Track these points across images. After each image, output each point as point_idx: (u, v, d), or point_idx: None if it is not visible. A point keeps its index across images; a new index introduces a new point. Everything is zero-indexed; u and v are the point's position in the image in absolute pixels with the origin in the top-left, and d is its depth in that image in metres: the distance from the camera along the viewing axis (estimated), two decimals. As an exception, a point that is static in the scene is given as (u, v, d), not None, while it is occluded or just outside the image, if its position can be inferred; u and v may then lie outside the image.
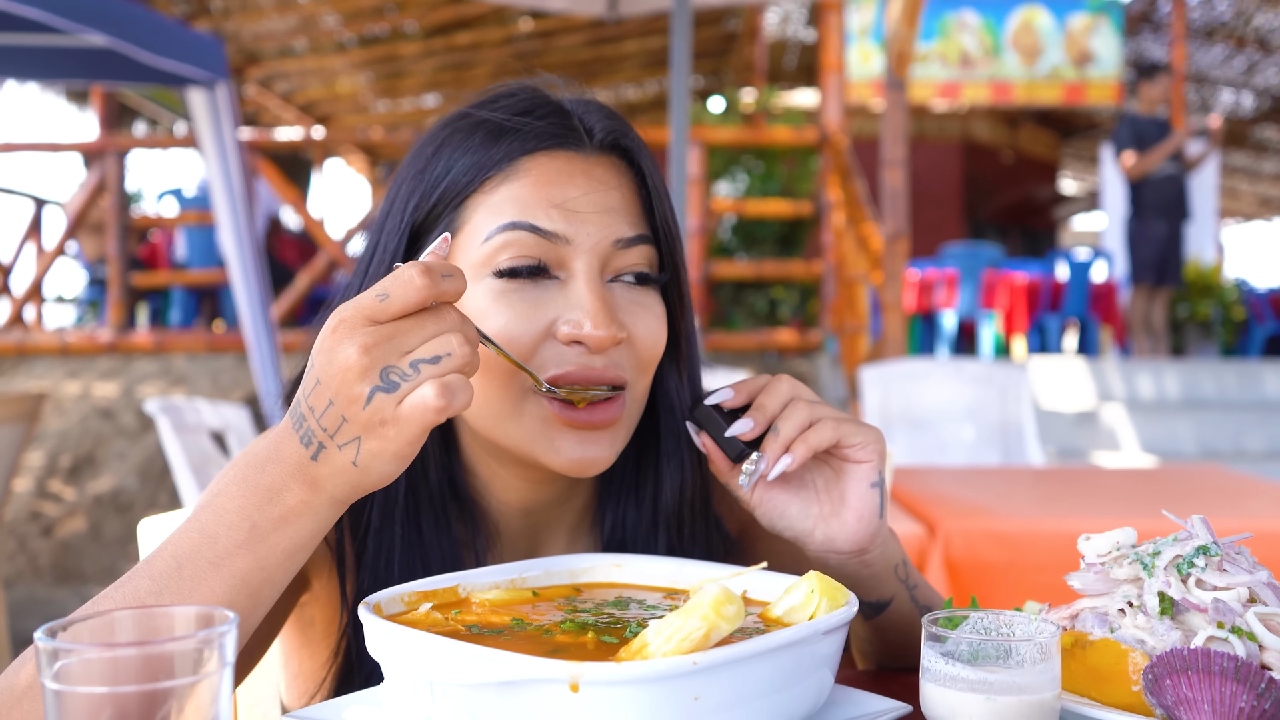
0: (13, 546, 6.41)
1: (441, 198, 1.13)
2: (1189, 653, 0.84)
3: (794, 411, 1.08)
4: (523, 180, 1.11)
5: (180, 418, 3.81)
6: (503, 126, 1.13)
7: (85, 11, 3.68)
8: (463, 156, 1.13)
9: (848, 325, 8.00)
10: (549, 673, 0.74)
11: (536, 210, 1.09)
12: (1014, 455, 4.74)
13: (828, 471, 1.12)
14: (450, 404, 0.83)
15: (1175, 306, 10.22)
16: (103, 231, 8.53)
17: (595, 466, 1.11)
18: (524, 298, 1.08)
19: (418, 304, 0.84)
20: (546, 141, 1.13)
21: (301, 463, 0.88)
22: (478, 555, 1.19)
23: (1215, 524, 1.03)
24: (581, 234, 1.10)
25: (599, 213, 1.11)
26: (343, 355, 0.84)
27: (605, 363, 1.09)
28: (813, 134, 8.28)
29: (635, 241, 1.13)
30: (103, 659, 0.66)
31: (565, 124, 1.15)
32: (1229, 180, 20.56)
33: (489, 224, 1.10)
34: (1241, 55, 15.23)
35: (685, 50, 4.29)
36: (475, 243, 1.10)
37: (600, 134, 1.16)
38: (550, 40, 13.24)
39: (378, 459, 0.86)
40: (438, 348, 0.84)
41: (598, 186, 1.12)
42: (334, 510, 0.91)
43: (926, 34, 13.25)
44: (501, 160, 1.11)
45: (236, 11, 11.40)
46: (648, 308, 1.14)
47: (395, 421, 0.84)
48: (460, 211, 1.12)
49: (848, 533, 1.10)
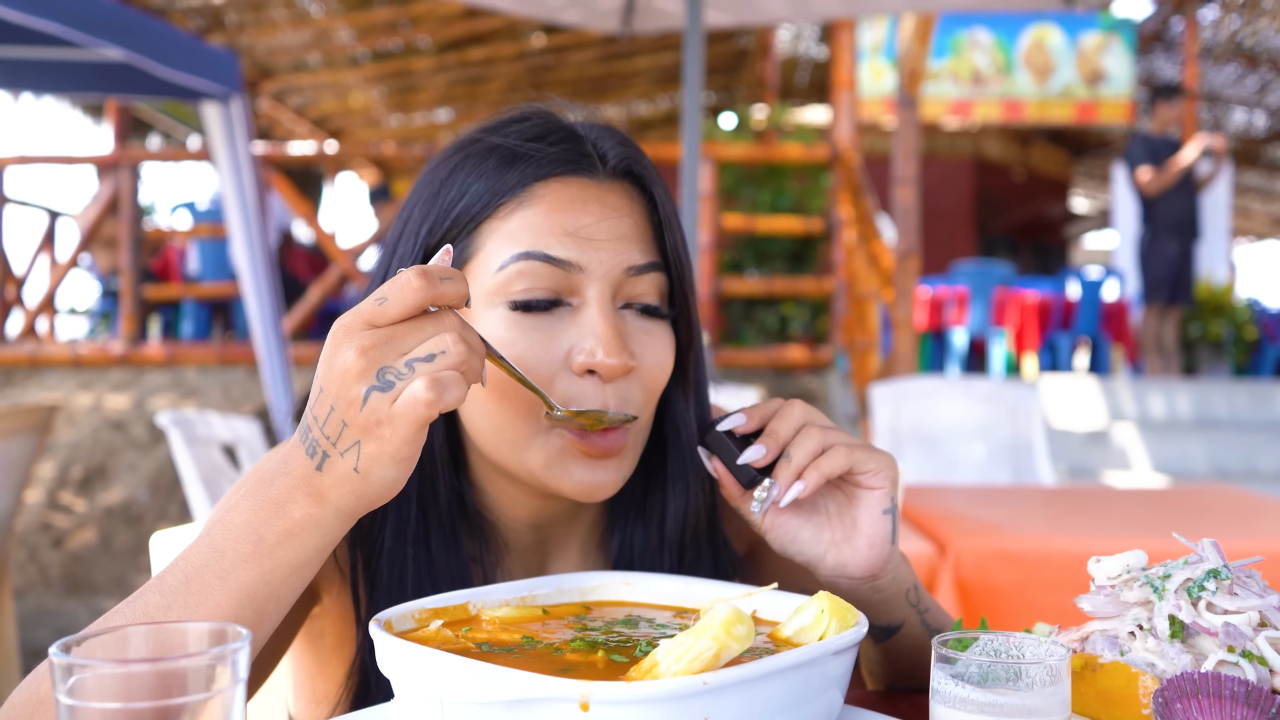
0: (23, 557, 6.43)
1: (455, 222, 1.13)
2: (1199, 676, 0.84)
3: (806, 438, 1.08)
4: (536, 207, 1.11)
5: (191, 430, 3.82)
6: (516, 152, 1.13)
7: (101, 25, 3.71)
8: (476, 181, 1.13)
9: (858, 342, 8.00)
10: (559, 691, 0.74)
11: (549, 238, 1.10)
12: (1024, 474, 4.73)
13: (840, 497, 1.12)
14: (441, 398, 0.83)
15: (1187, 326, 10.19)
16: (116, 244, 8.57)
17: (603, 491, 1.12)
18: (538, 326, 1.10)
19: (415, 306, 0.85)
20: (560, 168, 1.13)
21: (307, 474, 0.88)
22: (486, 571, 1.20)
23: (1227, 545, 1.03)
24: (594, 261, 1.10)
25: (612, 240, 1.12)
26: (341, 359, 0.85)
27: (617, 401, 1.11)
28: (824, 151, 8.29)
29: (647, 269, 1.14)
30: (116, 675, 0.66)
31: (579, 150, 1.15)
32: (1241, 199, 20.53)
33: (503, 252, 1.10)
34: (1254, 75, 15.21)
35: (697, 66, 4.31)
36: (489, 271, 1.11)
37: (613, 160, 1.16)
38: (563, 56, 13.28)
39: (377, 463, 0.86)
40: (432, 346, 0.85)
41: (610, 214, 1.13)
42: (340, 523, 0.91)
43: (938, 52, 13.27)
44: (515, 186, 1.12)
45: (251, 26, 11.46)
46: (656, 337, 1.15)
47: (390, 420, 0.84)
48: (474, 238, 1.13)
49: (860, 559, 1.09)
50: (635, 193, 1.18)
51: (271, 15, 11.23)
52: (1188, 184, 8.68)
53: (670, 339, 1.17)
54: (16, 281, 8.81)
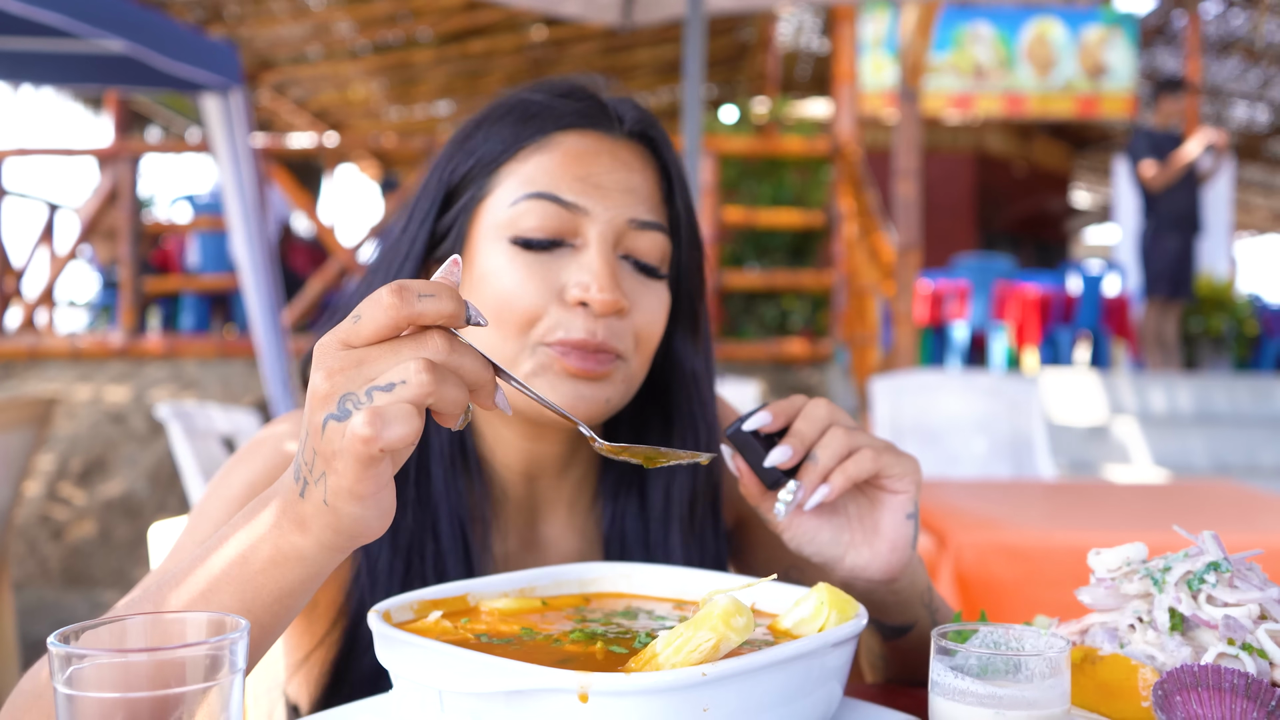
0: (23, 550, 6.43)
1: (477, 163, 1.21)
2: (1199, 669, 0.84)
3: (832, 439, 1.05)
4: (552, 154, 1.18)
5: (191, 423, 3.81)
6: (540, 104, 1.21)
7: (101, 17, 3.70)
8: (501, 129, 1.21)
9: (858, 336, 7.99)
10: (558, 683, 0.74)
11: (560, 182, 1.17)
12: (1025, 468, 4.73)
13: (862, 500, 1.10)
14: (379, 435, 0.74)
15: (1188, 320, 10.19)
16: (115, 236, 8.56)
17: (583, 407, 1.16)
18: (537, 262, 1.16)
19: (389, 326, 0.76)
20: (579, 120, 1.21)
21: (293, 499, 0.82)
22: (485, 521, 1.24)
23: (1227, 539, 1.03)
24: (600, 207, 1.17)
25: (620, 191, 1.18)
26: (312, 381, 0.78)
27: (606, 333, 1.15)
28: (825, 144, 8.29)
29: (650, 226, 1.20)
30: (114, 664, 0.66)
31: (598, 107, 1.23)
32: (1243, 194, 20.50)
33: (516, 190, 1.18)
34: (1256, 69, 15.20)
35: (698, 59, 4.30)
36: (501, 205, 1.18)
37: (630, 122, 1.24)
38: (563, 49, 13.27)
39: (339, 498, 0.78)
40: (394, 374, 0.75)
41: (621, 167, 1.20)
42: (324, 558, 0.84)
43: (940, 45, 13.25)
44: (535, 133, 1.19)
45: (251, 18, 11.45)
46: (653, 291, 1.21)
47: (340, 454, 0.76)
48: (492, 177, 1.20)
49: (880, 562, 1.08)
50: (648, 155, 1.24)
51: (271, 7, 11.22)
52: (1190, 178, 8.67)
53: (665, 300, 1.22)
54: (16, 274, 8.81)
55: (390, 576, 1.18)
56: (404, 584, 1.18)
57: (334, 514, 0.79)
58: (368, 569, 1.18)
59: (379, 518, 0.81)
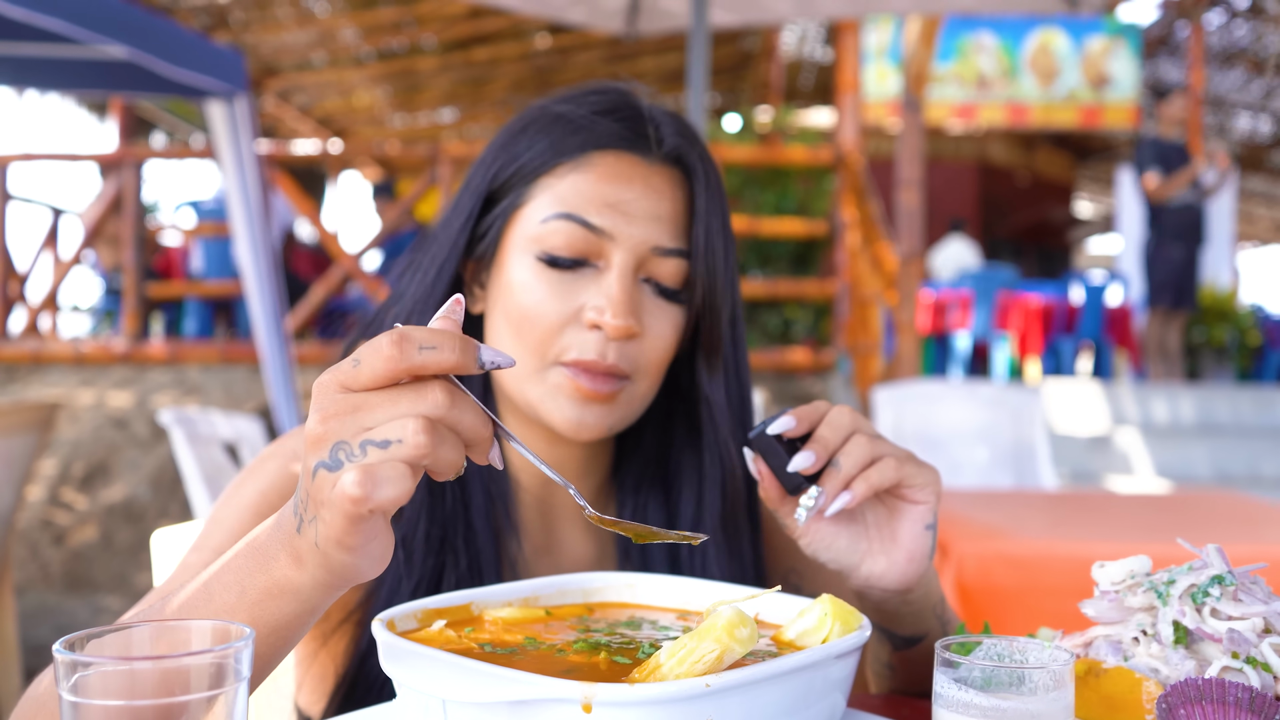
0: (25, 554, 6.43)
1: (518, 171, 1.24)
2: (1203, 682, 0.84)
3: (855, 446, 1.05)
4: (588, 174, 1.22)
5: (193, 428, 3.82)
6: (581, 121, 1.24)
7: (107, 23, 3.71)
8: (544, 140, 1.24)
9: (861, 345, 7.99)
10: (562, 693, 0.74)
11: (590, 205, 1.20)
12: (1027, 478, 4.73)
13: (881, 509, 1.10)
14: (370, 496, 0.72)
15: (1191, 331, 10.19)
16: (119, 242, 8.58)
17: (585, 431, 1.21)
18: (560, 281, 1.20)
19: (386, 375, 0.74)
20: (616, 142, 1.24)
21: (290, 533, 0.81)
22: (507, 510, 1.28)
23: (1230, 551, 1.03)
24: (626, 233, 1.20)
25: (647, 218, 1.21)
26: (309, 421, 0.77)
27: (616, 355, 1.19)
28: (828, 153, 8.29)
29: (673, 254, 1.23)
30: (120, 672, 0.66)
31: (637, 129, 1.25)
32: (1246, 205, 20.51)
33: (548, 208, 1.21)
34: (1259, 80, 15.21)
35: (702, 68, 4.31)
36: (533, 220, 1.22)
37: (667, 146, 1.26)
38: (567, 56, 13.28)
39: (328, 543, 0.77)
40: (390, 431, 0.74)
41: (651, 193, 1.23)
42: (318, 595, 0.82)
43: (944, 55, 13.27)
44: (574, 151, 1.23)
45: (256, 24, 11.47)
46: (667, 315, 1.24)
47: (327, 504, 0.75)
48: (529, 188, 1.23)
49: (896, 572, 1.08)
50: (681, 179, 1.27)
51: (276, 14, 11.24)
52: (1195, 191, 8.68)
53: (679, 321, 1.26)
54: (20, 278, 8.82)
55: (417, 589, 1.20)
56: (432, 589, 1.20)
57: (324, 557, 0.78)
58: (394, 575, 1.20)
59: (371, 564, 0.80)
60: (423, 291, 1.26)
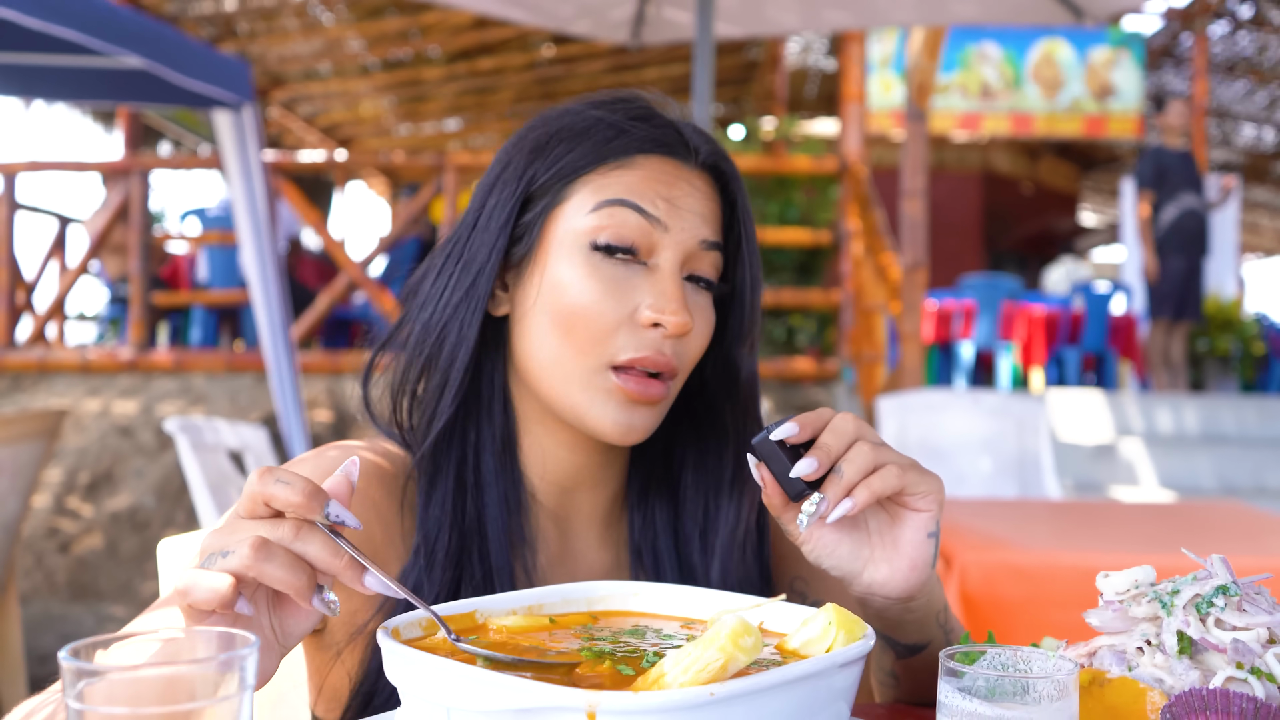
0: (30, 562, 6.44)
1: (558, 173, 1.23)
2: (1207, 693, 0.84)
3: (858, 453, 1.04)
4: (635, 173, 1.23)
5: (199, 437, 3.83)
6: (622, 126, 1.25)
7: (117, 33, 3.72)
8: (584, 142, 1.24)
9: (865, 355, 7.99)
10: (566, 701, 0.74)
11: (643, 197, 1.21)
12: (1031, 488, 4.72)
13: (884, 516, 1.10)
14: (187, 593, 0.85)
15: (1195, 341, 10.17)
16: (125, 250, 8.59)
17: (633, 434, 1.22)
18: (614, 275, 1.20)
19: (249, 501, 0.88)
20: (661, 147, 1.25)
21: None
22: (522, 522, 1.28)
23: (1235, 561, 1.03)
24: (678, 226, 1.22)
25: (695, 214, 1.24)
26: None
27: (673, 352, 1.21)
28: (832, 163, 8.30)
29: (714, 246, 1.26)
30: (125, 680, 0.66)
31: (679, 136, 1.27)
32: (1250, 215, 20.49)
33: (597, 197, 1.22)
34: (1263, 91, 15.21)
35: (707, 78, 4.32)
36: (581, 211, 1.22)
37: (704, 155, 1.28)
38: (572, 66, 13.31)
39: None
40: (230, 544, 0.87)
41: (696, 193, 1.25)
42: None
43: (948, 65, 13.28)
44: (620, 153, 1.23)
45: (262, 34, 11.51)
46: (705, 310, 1.26)
47: None
48: (571, 186, 1.23)
49: (898, 580, 1.08)
50: (716, 186, 1.29)
51: (283, 24, 11.28)
52: (1199, 200, 8.68)
53: (713, 318, 1.28)
54: (26, 287, 8.84)
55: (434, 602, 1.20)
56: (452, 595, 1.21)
57: None
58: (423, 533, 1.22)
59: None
60: (459, 296, 1.24)
